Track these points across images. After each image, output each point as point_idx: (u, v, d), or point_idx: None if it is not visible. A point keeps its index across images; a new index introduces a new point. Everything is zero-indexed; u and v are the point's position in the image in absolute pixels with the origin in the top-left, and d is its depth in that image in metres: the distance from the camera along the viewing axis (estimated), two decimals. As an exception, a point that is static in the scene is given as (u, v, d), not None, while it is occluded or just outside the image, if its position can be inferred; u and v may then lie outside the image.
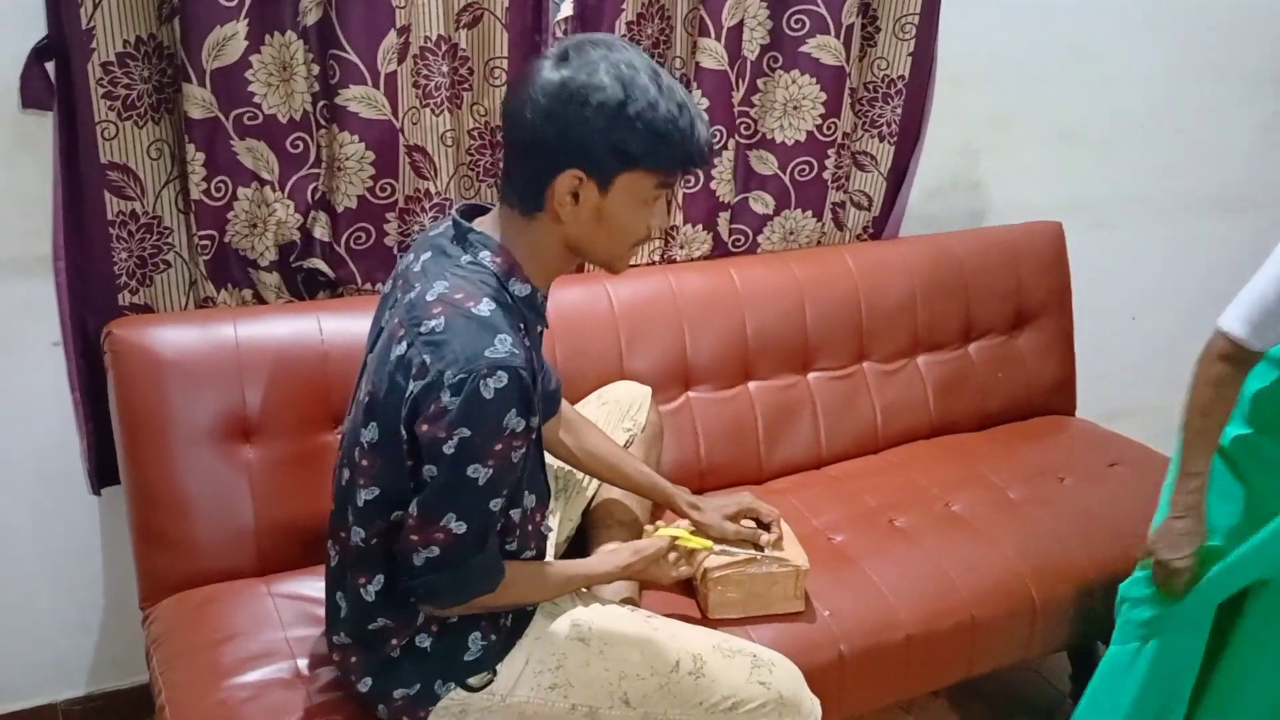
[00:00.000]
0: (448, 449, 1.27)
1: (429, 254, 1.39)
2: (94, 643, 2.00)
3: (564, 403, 1.74)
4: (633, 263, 2.19)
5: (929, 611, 1.83)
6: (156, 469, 1.71)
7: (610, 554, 1.55)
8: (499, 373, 1.24)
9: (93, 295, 1.80)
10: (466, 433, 1.26)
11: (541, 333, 1.47)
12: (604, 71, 1.25)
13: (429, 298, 1.30)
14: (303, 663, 1.59)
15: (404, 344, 1.30)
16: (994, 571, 1.92)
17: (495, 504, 1.33)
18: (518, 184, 1.33)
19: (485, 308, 1.29)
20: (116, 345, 1.70)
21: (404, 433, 1.31)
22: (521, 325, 1.34)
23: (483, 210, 1.44)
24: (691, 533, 1.65)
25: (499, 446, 1.27)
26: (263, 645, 1.61)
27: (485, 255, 1.35)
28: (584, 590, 1.57)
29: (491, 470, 1.28)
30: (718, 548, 1.68)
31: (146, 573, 1.72)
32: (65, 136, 1.70)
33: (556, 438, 1.72)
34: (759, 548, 1.73)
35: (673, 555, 1.58)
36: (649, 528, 1.62)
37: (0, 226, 1.74)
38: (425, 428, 1.27)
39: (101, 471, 1.86)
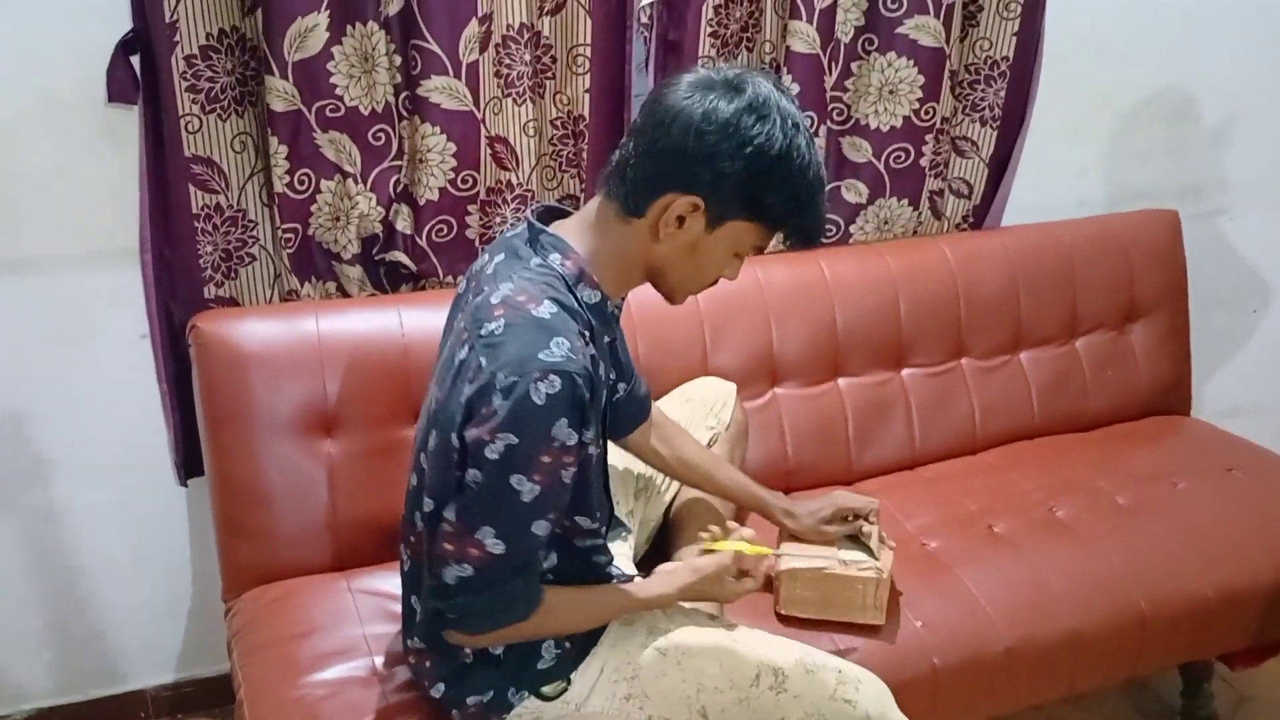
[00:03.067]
0: (491, 454, 1.21)
1: (502, 256, 1.35)
2: (183, 630, 2.03)
3: (655, 408, 1.69)
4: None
5: (1030, 624, 1.74)
6: (239, 461, 1.71)
7: (668, 575, 1.47)
8: (551, 377, 1.19)
9: (179, 288, 1.81)
10: (513, 439, 1.20)
11: (610, 343, 1.42)
12: (775, 121, 1.22)
13: (493, 300, 1.27)
14: (379, 660, 1.57)
15: (466, 348, 1.27)
16: (1100, 582, 1.81)
17: (539, 527, 1.26)
18: (631, 181, 1.29)
19: (546, 310, 1.24)
20: (200, 339, 1.71)
21: (455, 440, 1.27)
22: (587, 333, 1.29)
23: (562, 213, 1.39)
24: (751, 541, 1.57)
25: (546, 459, 1.22)
26: (341, 641, 1.59)
27: (555, 258, 1.31)
28: None
29: (538, 487, 1.22)
30: (780, 551, 1.61)
31: (229, 565, 1.73)
32: (150, 129, 1.71)
33: (649, 445, 1.68)
34: (862, 543, 1.67)
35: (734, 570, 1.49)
36: (704, 535, 1.53)
37: (89, 218, 1.75)
38: (473, 431, 1.23)
39: (188, 463, 1.88)
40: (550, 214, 1.39)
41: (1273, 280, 2.75)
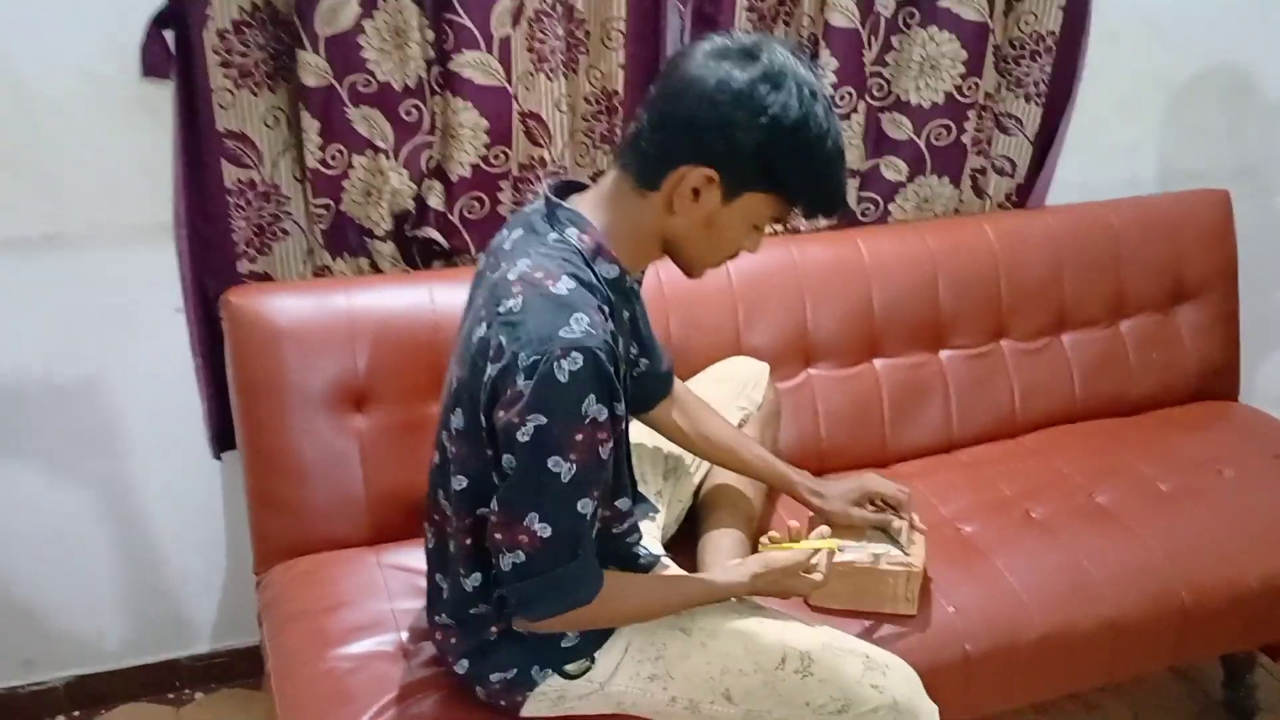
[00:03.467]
0: (522, 437, 1.20)
1: (520, 231, 1.34)
2: (216, 602, 2.05)
3: (677, 383, 1.67)
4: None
5: (1066, 611, 1.70)
6: (272, 435, 1.72)
7: (738, 567, 1.44)
8: (573, 354, 1.17)
9: (213, 262, 1.81)
10: (542, 420, 1.19)
11: (630, 318, 1.40)
12: (791, 89, 1.19)
13: (510, 276, 1.25)
14: (405, 636, 1.57)
15: (484, 325, 1.25)
16: (1140, 571, 1.77)
17: (584, 505, 1.24)
18: (645, 153, 1.26)
19: (564, 286, 1.22)
20: (232, 313, 1.72)
21: (484, 420, 1.26)
22: (606, 308, 1.27)
23: (580, 187, 1.37)
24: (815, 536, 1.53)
25: (580, 436, 1.20)
26: (369, 616, 1.60)
27: (572, 233, 1.29)
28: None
29: (575, 466, 1.21)
30: (841, 544, 1.58)
31: (261, 538, 1.74)
32: (184, 104, 1.71)
33: (670, 420, 1.66)
34: (890, 535, 1.64)
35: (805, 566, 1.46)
36: (764, 541, 1.49)
37: (125, 193, 1.76)
38: (501, 414, 1.21)
39: (222, 436, 1.89)
40: (568, 188, 1.37)
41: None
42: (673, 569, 1.52)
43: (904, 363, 2.09)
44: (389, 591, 1.64)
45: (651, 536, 1.58)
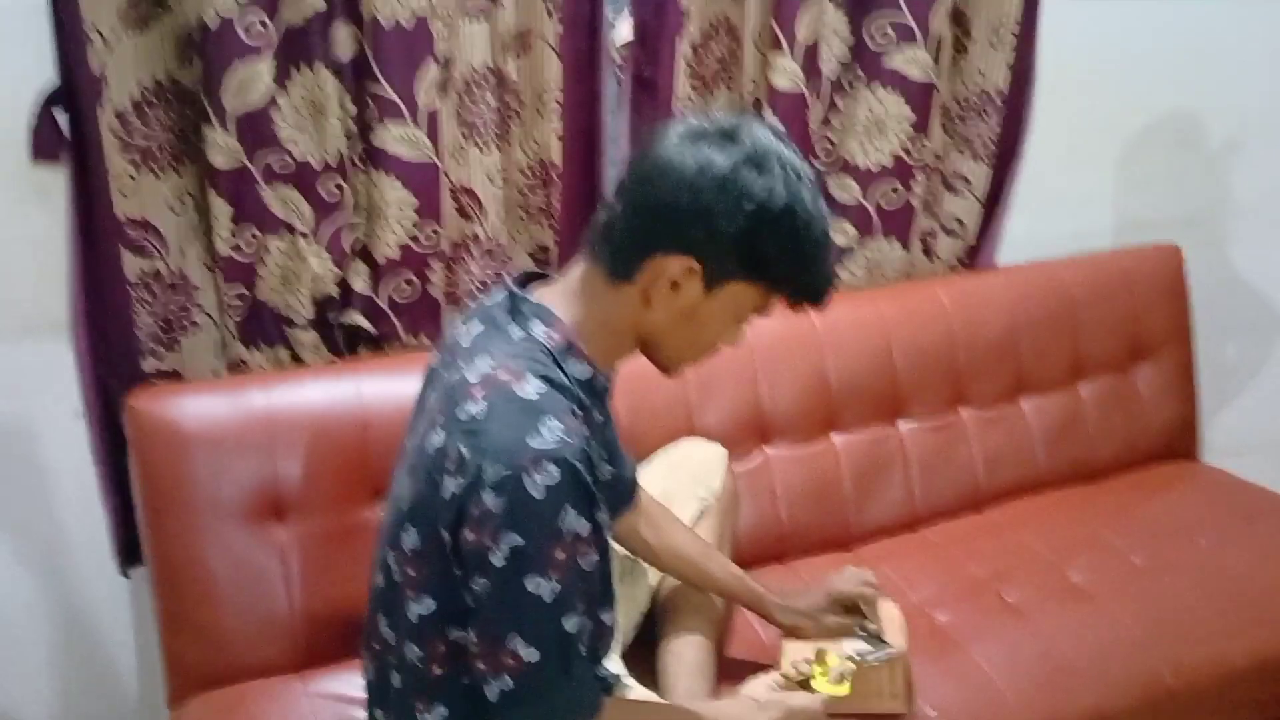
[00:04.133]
0: (496, 560, 1.07)
1: (480, 326, 1.21)
2: (134, 729, 1.87)
3: (642, 491, 1.55)
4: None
5: (1049, 705, 1.60)
6: (182, 551, 1.56)
7: (756, 707, 1.31)
8: (547, 465, 1.05)
9: (116, 361, 1.66)
10: (518, 540, 1.06)
11: (602, 423, 1.28)
12: (775, 173, 1.10)
13: (471, 378, 1.12)
14: (340, 777, 1.42)
15: (442, 433, 1.12)
16: (1122, 654, 1.68)
17: (571, 623, 1.12)
18: (618, 243, 1.16)
19: (532, 388, 1.10)
20: (135, 418, 1.56)
21: (447, 537, 1.12)
22: (580, 413, 1.15)
23: (542, 277, 1.26)
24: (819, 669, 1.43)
25: (560, 555, 1.08)
26: (297, 756, 1.44)
27: (539, 329, 1.17)
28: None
29: (558, 585, 1.08)
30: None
31: (174, 666, 1.57)
32: (80, 190, 1.56)
33: (635, 533, 1.54)
34: (875, 636, 1.53)
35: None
36: (790, 672, 1.39)
37: (16, 288, 1.61)
38: (470, 536, 1.08)
39: (130, 551, 1.72)
40: (532, 279, 1.25)
41: (1278, 308, 2.64)
42: (635, 690, 1.39)
43: (863, 437, 2.00)
44: (319, 725, 1.48)
45: (610, 651, 1.44)
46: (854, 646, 1.52)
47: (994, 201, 2.19)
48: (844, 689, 1.39)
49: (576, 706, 1.16)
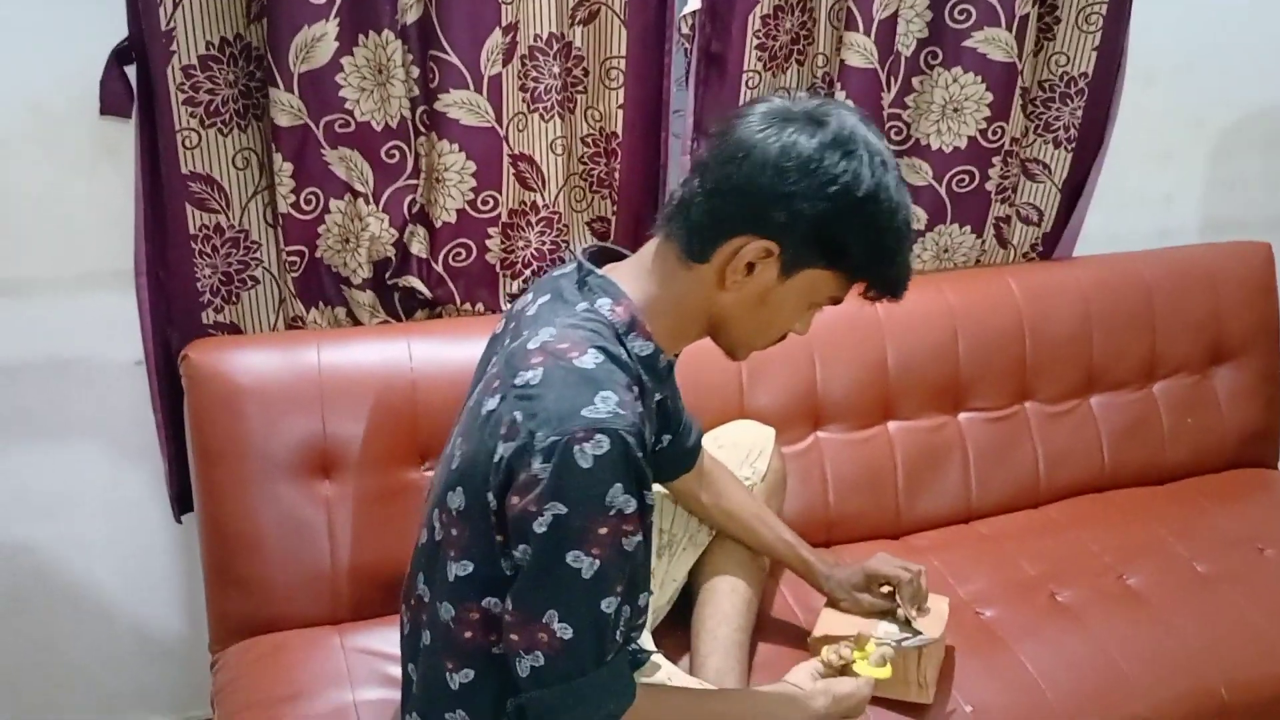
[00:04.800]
0: (539, 527, 1.06)
1: (546, 297, 1.21)
2: (178, 671, 1.92)
3: (704, 452, 1.55)
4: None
5: (1094, 712, 1.55)
6: (231, 503, 1.59)
7: (803, 696, 1.29)
8: (598, 437, 1.04)
9: (176, 313, 1.69)
10: (561, 510, 1.05)
11: (660, 401, 1.26)
12: (862, 158, 1.08)
13: (530, 346, 1.12)
14: (369, 731, 1.44)
15: (497, 398, 1.11)
16: (1176, 665, 1.62)
17: (609, 604, 1.09)
18: (695, 222, 1.14)
19: (590, 359, 1.09)
20: (192, 370, 1.59)
21: (492, 501, 1.11)
22: (637, 388, 1.13)
23: (618, 255, 1.25)
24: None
25: (603, 531, 1.06)
26: (328, 708, 1.47)
27: (605, 303, 1.16)
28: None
29: (598, 561, 1.07)
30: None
31: (217, 614, 1.61)
32: (146, 145, 1.59)
33: (691, 491, 1.55)
34: (904, 621, 1.51)
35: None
36: (834, 656, 1.36)
37: (83, 239, 1.65)
38: (516, 501, 1.07)
39: (184, 498, 1.76)
40: (605, 255, 1.25)
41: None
42: (665, 669, 1.38)
43: (920, 425, 1.95)
44: (352, 680, 1.50)
45: (644, 628, 1.44)
46: (886, 629, 1.49)
47: (1075, 191, 2.12)
48: (885, 671, 1.37)
49: (607, 693, 1.14)
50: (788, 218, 1.09)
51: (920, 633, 1.49)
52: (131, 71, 1.55)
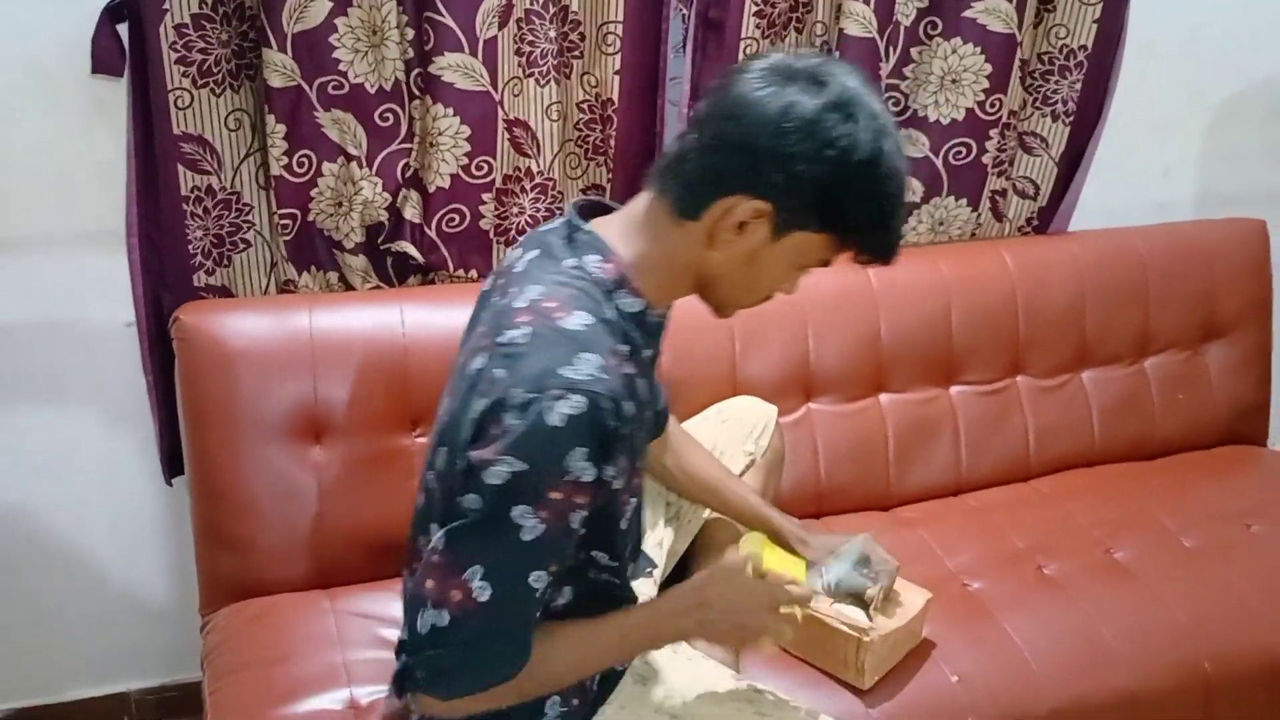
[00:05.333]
0: (492, 478, 1.05)
1: (535, 253, 1.19)
2: (169, 632, 1.92)
3: (671, 421, 1.54)
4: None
5: (1080, 683, 1.57)
6: (221, 466, 1.59)
7: (685, 591, 1.25)
8: (572, 397, 1.03)
9: (168, 274, 1.68)
10: (520, 465, 1.04)
11: (652, 358, 1.25)
12: (863, 123, 1.06)
13: (517, 304, 1.11)
14: (359, 692, 1.44)
15: (484, 355, 1.11)
16: (1162, 639, 1.64)
17: (537, 578, 1.08)
18: (689, 179, 1.12)
19: (577, 321, 1.09)
20: (184, 332, 1.59)
21: (461, 461, 1.10)
22: (626, 348, 1.13)
23: (606, 208, 1.23)
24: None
25: (556, 495, 1.06)
26: (319, 668, 1.47)
27: (593, 259, 1.15)
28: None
29: (541, 525, 1.06)
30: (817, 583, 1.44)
31: (207, 576, 1.61)
32: (138, 104, 1.58)
33: (657, 458, 1.53)
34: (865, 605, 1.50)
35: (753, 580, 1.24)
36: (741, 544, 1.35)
37: (75, 199, 1.64)
38: (477, 451, 1.07)
39: (174, 461, 1.76)
40: (593, 209, 1.22)
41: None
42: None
43: (912, 398, 1.96)
44: (342, 641, 1.51)
45: (648, 597, 1.44)
46: (846, 608, 1.48)
47: (1072, 165, 2.11)
48: (790, 559, 1.38)
49: (503, 658, 1.11)
50: (784, 179, 1.07)
51: (868, 616, 1.47)
52: (124, 29, 1.53)
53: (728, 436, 1.67)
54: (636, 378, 1.13)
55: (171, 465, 1.76)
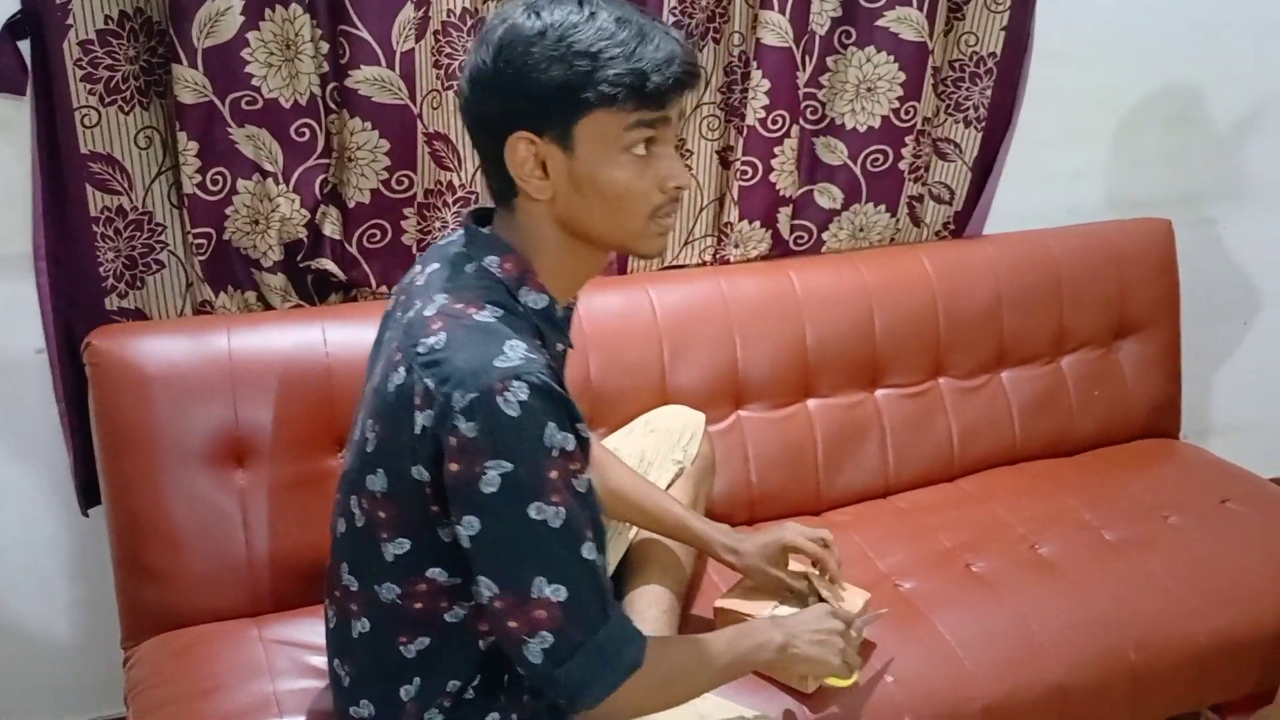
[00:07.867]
0: (487, 488, 1.04)
1: (435, 265, 1.19)
2: (93, 668, 1.85)
3: (593, 439, 1.53)
4: (683, 260, 2.00)
5: (1011, 678, 1.58)
6: (140, 494, 1.54)
7: (764, 626, 1.31)
8: (514, 384, 1.02)
9: (79, 298, 1.63)
10: (506, 466, 1.03)
11: (564, 353, 1.25)
12: (520, 10, 1.08)
13: (427, 313, 1.11)
14: (290, 723, 1.41)
15: (403, 370, 1.10)
16: (1088, 631, 1.66)
17: (588, 550, 1.08)
18: (485, 170, 1.16)
19: (489, 314, 1.09)
20: (96, 358, 1.54)
21: (423, 474, 1.09)
22: (538, 340, 1.14)
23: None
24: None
25: (554, 474, 1.05)
26: (248, 699, 1.43)
27: (493, 260, 1.15)
28: None
29: (560, 508, 1.05)
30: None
31: (128, 608, 1.56)
32: (43, 123, 1.53)
33: None
34: (815, 592, 1.51)
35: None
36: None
37: (-22, 221, 1.58)
38: (454, 467, 1.05)
39: (90, 490, 1.70)
40: (489, 215, 1.22)
41: (1267, 290, 2.60)
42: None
43: (838, 403, 1.97)
44: (272, 670, 1.47)
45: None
46: (785, 609, 1.49)
47: (985, 170, 2.16)
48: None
49: (624, 644, 1.12)
50: (509, 102, 1.08)
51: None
52: (26, 46, 1.49)
53: (655, 446, 1.67)
54: (551, 365, 1.13)
55: (88, 495, 1.70)
